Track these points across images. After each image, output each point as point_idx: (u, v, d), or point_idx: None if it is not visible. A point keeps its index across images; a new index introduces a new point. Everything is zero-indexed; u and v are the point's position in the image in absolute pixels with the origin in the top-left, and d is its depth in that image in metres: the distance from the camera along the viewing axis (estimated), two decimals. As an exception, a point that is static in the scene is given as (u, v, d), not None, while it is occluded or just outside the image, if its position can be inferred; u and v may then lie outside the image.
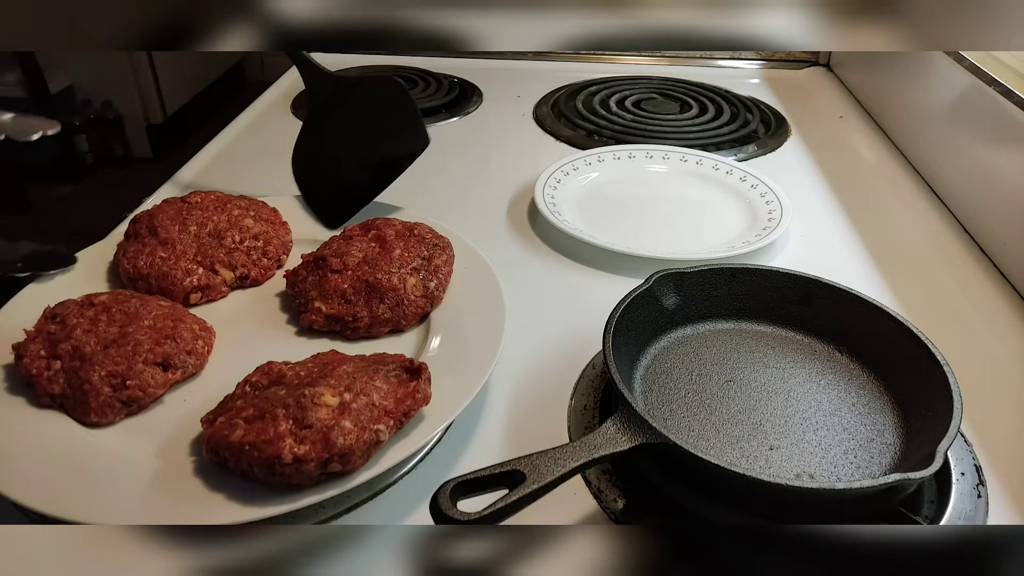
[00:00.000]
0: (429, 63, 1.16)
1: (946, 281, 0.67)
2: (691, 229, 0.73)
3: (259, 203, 0.63)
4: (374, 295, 0.54)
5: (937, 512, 0.43)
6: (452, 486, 0.36)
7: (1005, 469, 0.47)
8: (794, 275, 0.54)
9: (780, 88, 1.11)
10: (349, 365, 0.45)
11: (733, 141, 0.92)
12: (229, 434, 0.41)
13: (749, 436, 0.46)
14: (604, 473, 0.46)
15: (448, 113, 1.01)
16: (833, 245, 0.71)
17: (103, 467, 0.43)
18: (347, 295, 0.54)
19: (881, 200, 0.80)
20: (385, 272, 0.54)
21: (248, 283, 0.59)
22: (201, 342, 0.51)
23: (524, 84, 1.11)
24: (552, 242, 0.71)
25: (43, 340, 0.48)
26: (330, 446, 0.39)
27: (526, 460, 0.38)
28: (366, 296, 0.54)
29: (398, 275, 0.54)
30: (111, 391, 0.46)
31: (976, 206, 0.73)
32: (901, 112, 0.92)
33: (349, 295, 0.54)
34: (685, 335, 0.54)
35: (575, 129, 0.95)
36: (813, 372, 0.51)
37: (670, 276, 0.53)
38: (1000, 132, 0.69)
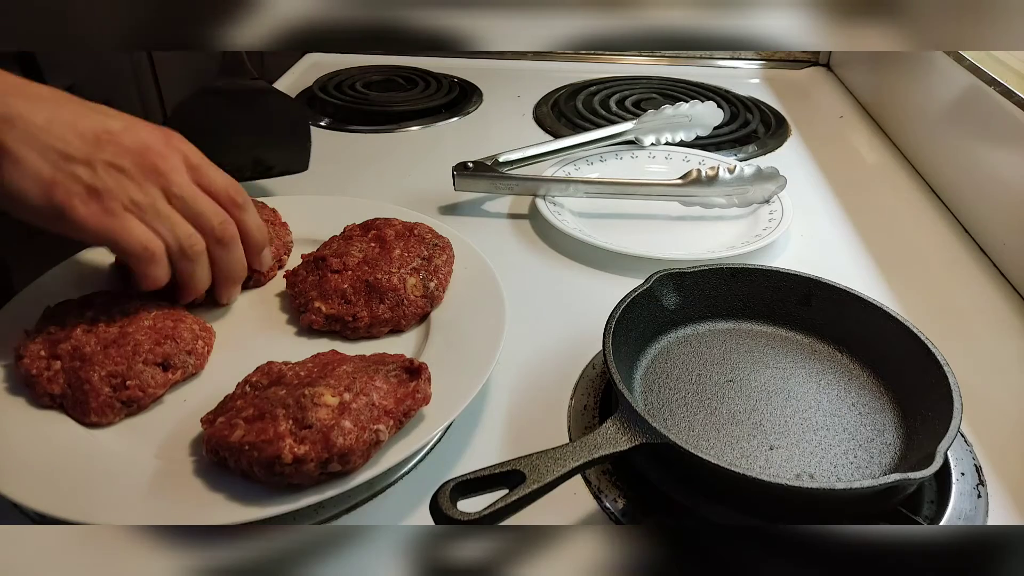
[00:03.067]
0: (429, 63, 1.16)
1: (946, 281, 0.67)
2: (691, 229, 0.73)
3: (259, 203, 0.63)
4: (374, 295, 0.54)
5: (937, 512, 0.43)
6: (452, 486, 0.36)
7: (1005, 469, 0.47)
8: (794, 275, 0.54)
9: (780, 88, 1.11)
10: (349, 365, 0.45)
11: (733, 141, 0.92)
12: (229, 434, 0.41)
13: (749, 436, 0.46)
14: (604, 473, 0.46)
15: (448, 113, 1.01)
16: (833, 245, 0.71)
17: (103, 467, 0.43)
18: (347, 295, 0.54)
19: (881, 200, 0.80)
20: (385, 272, 0.54)
21: (250, 284, 0.59)
22: (201, 342, 0.51)
23: (524, 84, 1.11)
24: (552, 242, 0.71)
25: (43, 340, 0.48)
26: (330, 446, 0.39)
27: (526, 460, 0.38)
28: (366, 296, 0.54)
29: (398, 275, 0.54)
30: (111, 391, 0.46)
31: (976, 206, 0.73)
32: (901, 112, 0.92)
33: (349, 295, 0.54)
34: (685, 335, 0.54)
35: (575, 129, 0.95)
36: (813, 372, 0.51)
37: (670, 276, 0.54)
38: (1000, 132, 0.69)
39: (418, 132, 0.96)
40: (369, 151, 0.91)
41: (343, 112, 1.00)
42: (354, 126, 0.96)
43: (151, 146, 0.48)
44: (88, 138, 0.46)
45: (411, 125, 0.97)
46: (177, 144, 0.50)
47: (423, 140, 0.94)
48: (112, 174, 0.46)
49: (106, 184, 0.46)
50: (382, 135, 0.95)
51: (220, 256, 0.52)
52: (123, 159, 0.46)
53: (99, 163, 0.46)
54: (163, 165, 0.48)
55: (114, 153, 0.46)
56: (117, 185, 0.46)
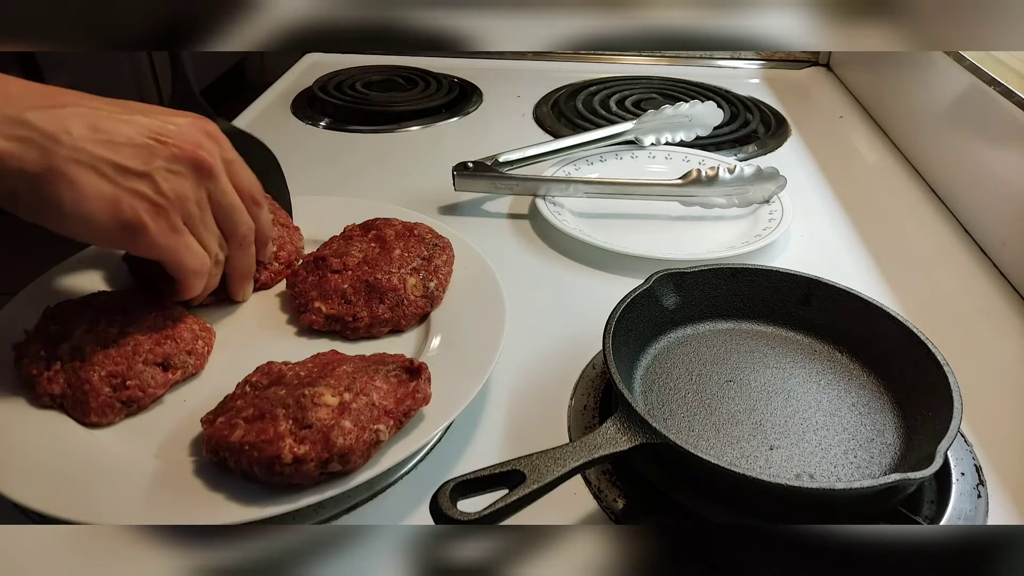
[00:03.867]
0: (429, 63, 1.16)
1: (946, 281, 0.67)
2: (691, 229, 0.73)
3: (275, 205, 0.63)
4: (374, 295, 0.54)
5: (937, 512, 0.43)
6: (452, 486, 0.36)
7: (1005, 469, 0.47)
8: (794, 275, 0.54)
9: (780, 88, 1.11)
10: (349, 365, 0.45)
11: (733, 141, 0.92)
12: (229, 434, 0.41)
13: (749, 436, 0.46)
14: (604, 473, 0.46)
15: (448, 113, 1.01)
16: (833, 245, 0.71)
17: (103, 467, 0.43)
18: (347, 295, 0.54)
19: (881, 200, 0.80)
20: (385, 272, 0.54)
21: (257, 286, 0.59)
22: (201, 342, 0.51)
23: (524, 84, 1.11)
24: (552, 242, 0.71)
25: (43, 340, 0.48)
26: (330, 446, 0.39)
27: (526, 460, 0.38)
28: (366, 296, 0.54)
29: (398, 275, 0.54)
30: (111, 391, 0.46)
31: (976, 206, 0.73)
32: (901, 112, 0.92)
33: (349, 295, 0.54)
34: (685, 335, 0.54)
35: (575, 129, 0.95)
36: (813, 372, 0.51)
37: (670, 276, 0.54)
38: (1000, 132, 0.69)
39: (418, 132, 0.96)
40: (369, 151, 0.91)
41: (343, 112, 1.00)
42: (354, 126, 0.96)
43: (201, 143, 0.47)
44: (139, 144, 0.44)
45: (411, 125, 0.97)
46: (215, 134, 0.49)
47: (423, 140, 0.94)
48: (171, 182, 0.45)
49: (169, 198, 0.45)
50: (382, 135, 0.95)
51: (238, 257, 0.53)
52: (178, 164, 0.45)
53: (158, 173, 0.44)
54: (212, 164, 0.47)
55: (169, 158, 0.45)
56: (177, 196, 0.45)
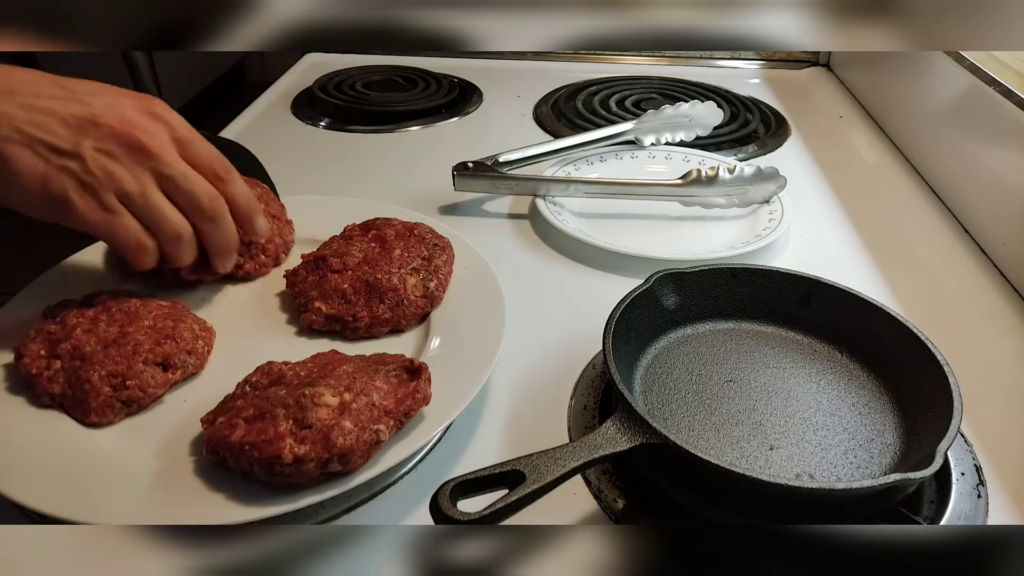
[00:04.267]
0: (429, 63, 1.16)
1: (946, 281, 0.67)
2: (691, 229, 0.73)
3: (270, 196, 0.63)
4: (374, 295, 0.54)
5: (937, 512, 0.43)
6: (452, 486, 0.36)
7: (1005, 469, 0.47)
8: (794, 275, 0.54)
9: (780, 88, 1.11)
10: (349, 365, 0.45)
11: (733, 141, 0.92)
12: (229, 434, 0.41)
13: (749, 436, 0.46)
14: (604, 473, 0.46)
15: (448, 113, 1.01)
16: (833, 245, 0.71)
17: (103, 467, 0.43)
18: (347, 295, 0.54)
19: (881, 200, 0.80)
20: (385, 272, 0.54)
21: (240, 274, 0.59)
22: (201, 342, 0.51)
23: (524, 84, 1.11)
24: (552, 242, 0.71)
25: (43, 340, 0.48)
26: (330, 446, 0.39)
27: (526, 460, 0.38)
28: (366, 296, 0.54)
29: (398, 275, 0.54)
30: (111, 391, 0.46)
31: (976, 206, 0.73)
32: (901, 112, 0.92)
33: (349, 295, 0.54)
34: (685, 335, 0.54)
35: (575, 129, 0.95)
36: (813, 372, 0.51)
37: (670, 276, 0.54)
38: (1000, 132, 0.69)
39: (418, 132, 0.96)
40: (369, 151, 0.91)
41: (343, 112, 1.00)
42: (354, 126, 0.96)
43: (136, 123, 0.47)
44: (72, 125, 0.45)
45: (411, 125, 0.97)
46: (161, 114, 0.49)
47: (423, 140, 0.94)
48: (101, 162, 0.46)
49: (97, 176, 0.45)
50: (382, 135, 0.95)
51: (211, 232, 0.52)
52: (109, 143, 0.46)
53: (87, 152, 0.45)
54: (151, 143, 0.47)
55: (99, 137, 0.46)
56: (108, 175, 0.46)
